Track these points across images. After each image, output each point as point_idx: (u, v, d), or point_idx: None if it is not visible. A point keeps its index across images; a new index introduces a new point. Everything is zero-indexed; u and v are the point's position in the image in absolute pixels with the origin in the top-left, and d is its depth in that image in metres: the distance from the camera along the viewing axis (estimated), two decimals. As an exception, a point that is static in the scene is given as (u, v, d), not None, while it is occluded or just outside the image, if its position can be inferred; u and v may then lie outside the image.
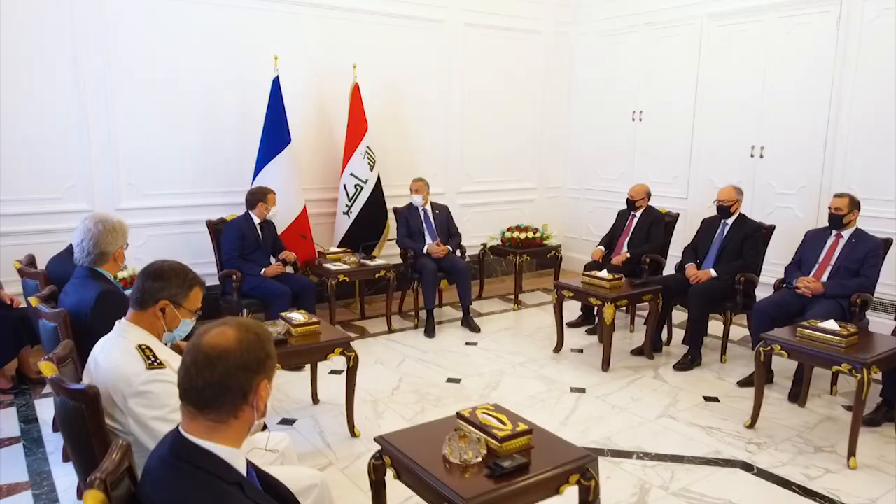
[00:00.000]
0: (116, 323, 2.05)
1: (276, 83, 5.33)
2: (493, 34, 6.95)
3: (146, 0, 5.06)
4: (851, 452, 3.34)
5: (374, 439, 2.44)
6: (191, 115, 5.35)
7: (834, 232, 4.39)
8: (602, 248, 5.71)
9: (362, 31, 6.06)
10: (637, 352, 5.00)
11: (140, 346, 1.95)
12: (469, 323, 5.62)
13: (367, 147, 5.87)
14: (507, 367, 4.74)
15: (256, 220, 4.94)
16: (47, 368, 1.88)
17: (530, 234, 6.38)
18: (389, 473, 2.37)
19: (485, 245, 6.62)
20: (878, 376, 3.55)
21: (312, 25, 5.79)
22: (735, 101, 6.01)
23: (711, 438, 3.65)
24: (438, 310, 6.12)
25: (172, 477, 1.30)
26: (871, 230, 4.48)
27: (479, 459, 2.21)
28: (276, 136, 5.35)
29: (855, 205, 4.34)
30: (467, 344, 5.27)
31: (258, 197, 4.87)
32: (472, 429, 2.35)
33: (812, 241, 4.50)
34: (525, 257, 6.33)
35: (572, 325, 5.64)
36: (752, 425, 3.76)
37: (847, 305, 4.14)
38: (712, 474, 3.26)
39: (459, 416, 2.45)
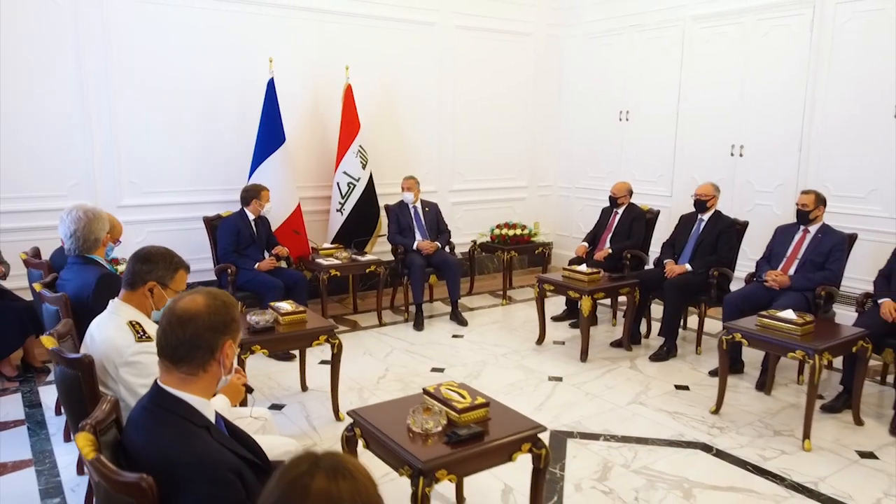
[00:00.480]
0: (110, 302, 2.27)
1: (270, 85, 5.55)
2: (484, 36, 7.17)
3: (146, 6, 5.29)
4: (806, 435, 3.53)
5: (347, 413, 2.66)
6: (189, 116, 5.58)
7: (801, 227, 4.58)
8: (586, 244, 5.91)
9: (355, 33, 6.28)
10: (616, 344, 5.20)
11: (131, 322, 2.17)
12: (457, 317, 5.83)
13: (360, 146, 6.09)
14: (490, 358, 4.94)
15: (251, 217, 5.16)
16: (48, 342, 2.10)
17: (518, 231, 6.59)
18: (361, 444, 2.59)
19: (475, 242, 6.82)
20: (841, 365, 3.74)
21: (306, 29, 6.01)
22: (716, 101, 6.20)
23: (677, 423, 3.85)
24: (429, 305, 6.34)
25: (151, 420, 1.53)
26: (844, 226, 4.68)
27: (440, 429, 2.42)
28: (271, 135, 5.58)
29: (821, 201, 4.53)
30: (454, 336, 5.48)
31: (252, 194, 5.09)
32: (434, 402, 2.56)
33: (781, 236, 4.69)
34: (513, 253, 6.54)
35: (557, 318, 5.84)
36: (716, 411, 3.95)
37: (812, 297, 4.33)
38: (673, 454, 3.46)
39: (425, 391, 2.66)
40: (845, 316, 4.65)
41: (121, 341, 2.12)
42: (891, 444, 3.59)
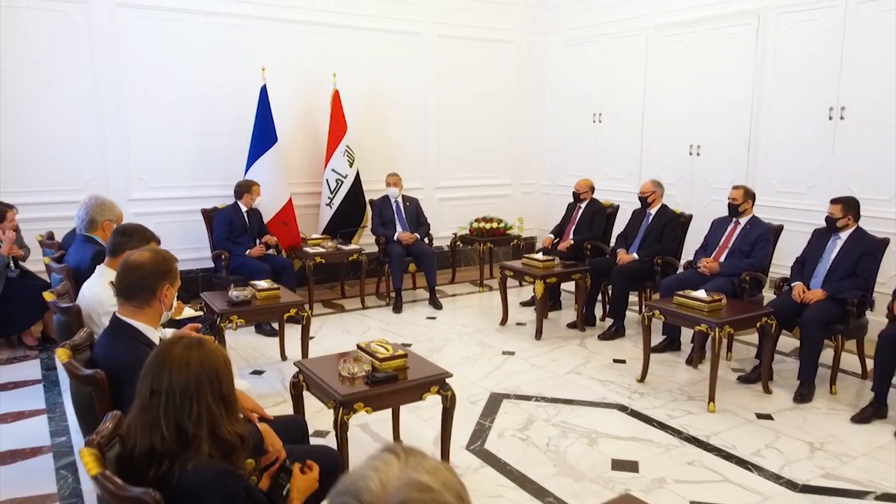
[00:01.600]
0: (97, 267, 2.87)
1: (263, 91, 6.16)
2: (467, 44, 7.71)
3: (152, 22, 5.92)
4: (711, 398, 4.03)
5: (294, 363, 3.23)
6: (191, 119, 6.21)
7: (733, 219, 5.06)
8: (552, 235, 6.42)
9: (343, 43, 6.87)
10: (572, 325, 5.71)
11: (111, 282, 2.75)
12: (434, 301, 6.38)
13: (347, 146, 6.67)
14: (455, 336, 5.49)
15: (244, 209, 5.77)
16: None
17: (495, 225, 7.13)
18: (304, 388, 3.15)
19: (455, 234, 7.37)
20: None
21: (297, 39, 6.61)
22: (677, 104, 6.68)
23: (604, 389, 4.36)
24: (412, 291, 6.89)
25: (109, 339, 2.12)
26: (787, 220, 5.17)
27: (363, 374, 2.97)
28: (263, 136, 6.18)
29: (749, 196, 5.01)
30: (428, 318, 6.03)
31: (244, 189, 5.70)
32: (363, 353, 3.12)
33: (716, 228, 5.17)
34: (489, 245, 7.07)
35: (525, 304, 6.36)
36: (642, 379, 4.46)
37: (738, 282, 4.80)
38: (591, 413, 3.98)
39: (358, 346, 3.22)
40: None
41: (103, 296, 2.71)
42: (790, 409, 4.06)
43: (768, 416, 3.94)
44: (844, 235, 4.41)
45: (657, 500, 3.02)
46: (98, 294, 2.73)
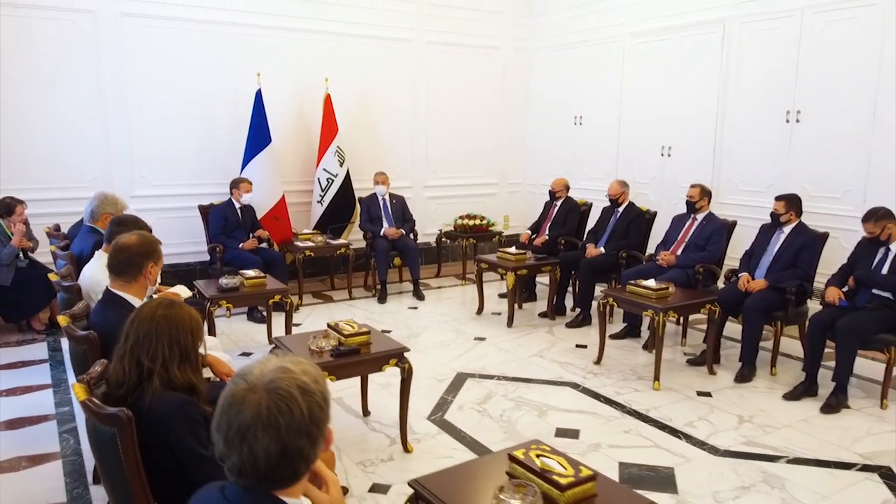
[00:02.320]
0: (96, 252, 3.28)
1: (258, 95, 6.57)
2: (455, 51, 8.10)
3: (154, 30, 6.34)
4: (656, 377, 4.39)
5: (271, 340, 3.61)
6: (190, 121, 6.63)
7: (691, 215, 5.42)
8: (529, 231, 6.80)
9: (335, 50, 7.27)
10: (543, 314, 6.08)
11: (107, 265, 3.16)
12: (417, 293, 6.77)
13: (338, 147, 7.07)
14: (433, 324, 5.87)
15: (237, 205, 6.18)
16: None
17: (477, 221, 7.52)
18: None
19: (441, 231, 7.76)
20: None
21: (291, 46, 7.02)
22: (650, 108, 7.04)
23: (562, 370, 4.73)
24: (398, 284, 7.28)
25: (102, 308, 2.52)
26: (749, 217, 5.52)
27: (331, 348, 3.36)
28: (258, 137, 6.59)
29: (706, 193, 5.37)
30: (410, 308, 6.42)
31: (234, 185, 6.14)
32: (332, 331, 3.51)
33: (676, 223, 5.54)
34: (472, 241, 7.45)
35: (503, 295, 6.73)
36: (598, 362, 4.83)
37: (692, 273, 5.16)
38: (545, 389, 4.36)
39: (327, 324, 3.61)
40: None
41: (99, 277, 3.11)
42: (730, 388, 4.43)
43: (708, 394, 4.31)
44: (787, 230, 4.76)
45: (590, 461, 3.36)
46: (95, 275, 3.14)
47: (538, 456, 2.15)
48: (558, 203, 6.69)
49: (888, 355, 4.07)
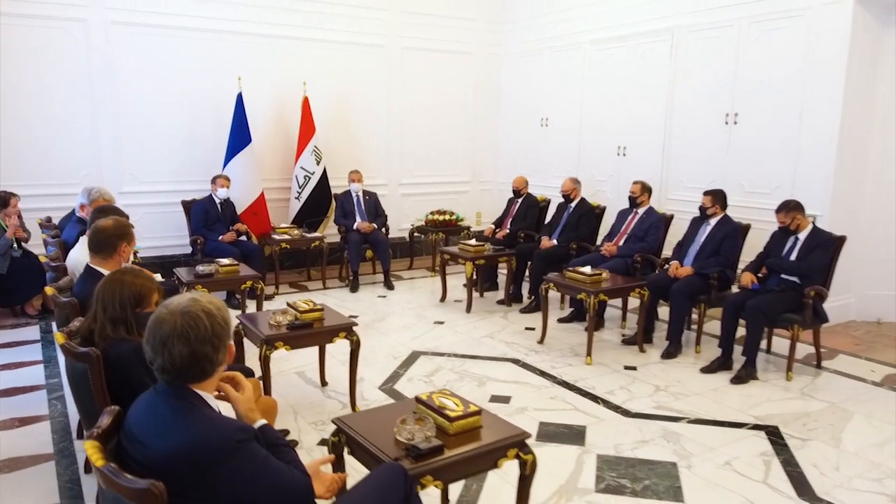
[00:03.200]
0: (80, 238, 3.75)
1: (239, 98, 7.04)
2: (429, 56, 8.57)
3: (142, 38, 6.81)
4: (588, 353, 4.87)
5: (236, 317, 4.09)
6: (176, 122, 7.10)
7: (633, 209, 5.90)
8: (493, 226, 7.28)
9: (313, 55, 7.74)
10: (501, 302, 6.56)
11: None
12: (388, 283, 7.24)
13: (315, 146, 7.55)
14: (398, 310, 6.35)
15: (217, 200, 6.65)
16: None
17: (447, 217, 8.00)
18: (243, 335, 4.01)
19: (412, 226, 8.23)
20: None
21: (271, 51, 7.49)
22: (607, 110, 7.52)
23: (507, 347, 5.21)
24: (371, 276, 7.74)
25: (82, 281, 3.00)
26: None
27: (287, 323, 3.83)
28: (239, 137, 7.06)
29: (646, 189, 5.86)
30: (379, 297, 6.89)
31: (213, 181, 6.62)
32: (290, 309, 3.98)
33: (620, 217, 6.03)
34: (441, 235, 7.93)
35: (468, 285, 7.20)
36: (541, 341, 5.30)
37: (631, 262, 5.64)
38: (489, 364, 4.83)
39: (288, 304, 4.08)
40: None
41: (83, 258, 3.56)
42: (655, 363, 4.91)
43: (633, 368, 4.79)
44: (713, 221, 5.25)
45: (518, 422, 3.81)
46: (79, 257, 3.60)
47: (439, 398, 2.63)
48: (519, 200, 7.16)
49: (792, 332, 4.55)
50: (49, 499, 3.05)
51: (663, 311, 5.45)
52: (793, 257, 4.71)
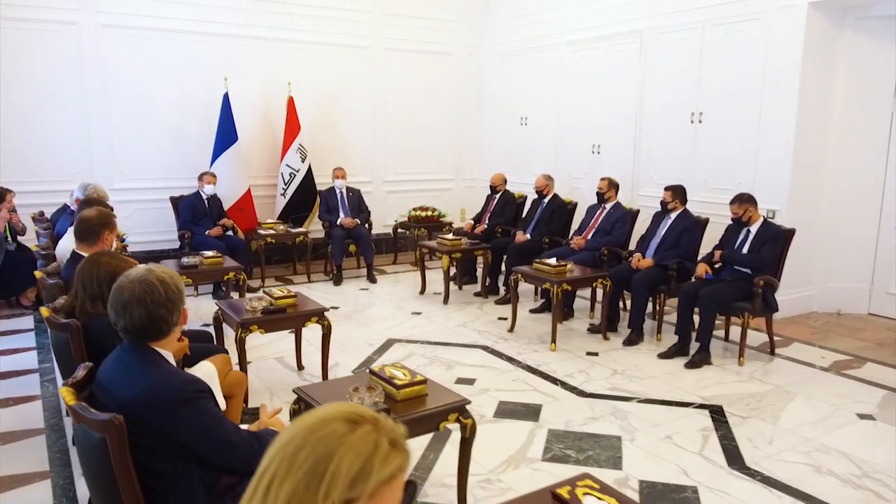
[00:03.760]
0: (69, 230, 4.02)
1: (225, 98, 7.31)
2: (411, 57, 8.84)
3: (132, 40, 7.08)
4: (553, 340, 5.14)
5: (215, 302, 4.36)
6: (165, 121, 7.36)
7: (601, 205, 6.18)
8: (471, 221, 7.55)
9: (298, 56, 8.01)
10: (478, 294, 6.83)
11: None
12: (370, 276, 7.51)
13: (300, 144, 7.81)
14: (378, 302, 6.62)
15: (204, 196, 6.92)
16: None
17: (429, 213, 8.27)
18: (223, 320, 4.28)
19: (396, 222, 8.51)
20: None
21: (257, 53, 7.76)
22: (582, 109, 7.79)
23: (479, 336, 5.48)
24: (356, 270, 8.01)
25: (68, 266, 3.26)
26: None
27: (262, 308, 4.10)
28: (226, 136, 7.33)
29: (613, 185, 6.14)
30: (361, 289, 7.16)
31: (199, 177, 6.88)
32: (265, 295, 4.25)
33: (588, 212, 6.30)
34: (423, 230, 8.20)
35: (451, 278, 7.47)
36: (511, 329, 5.57)
37: (598, 255, 5.91)
38: (459, 351, 5.10)
39: (262, 290, 4.35)
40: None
41: (70, 247, 3.84)
42: (616, 350, 5.17)
43: (595, 354, 5.07)
44: (673, 216, 5.52)
45: (479, 401, 4.13)
46: (67, 246, 3.87)
47: (390, 370, 2.90)
48: (497, 196, 7.44)
49: (742, 320, 4.83)
50: (41, 467, 3.31)
51: (630, 303, 5.71)
52: (745, 249, 4.98)
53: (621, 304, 5.85)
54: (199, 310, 6.22)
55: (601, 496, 1.80)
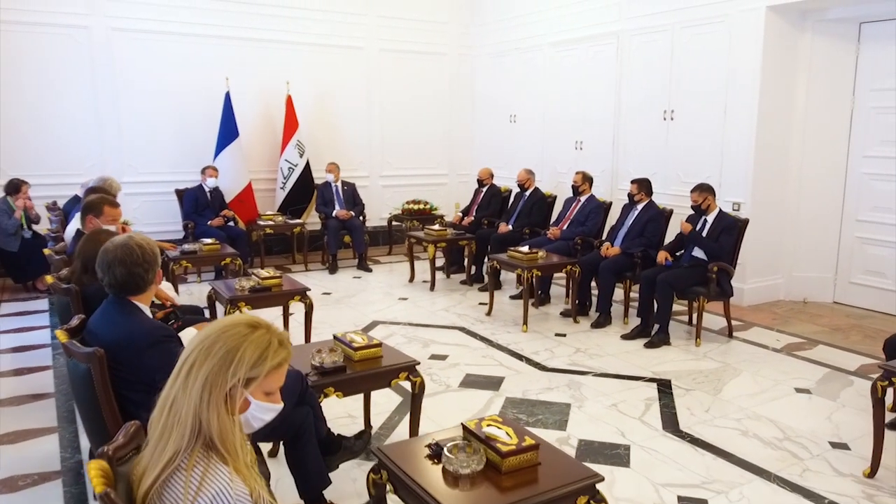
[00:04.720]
0: (76, 216, 4.46)
1: (227, 96, 7.75)
2: (405, 57, 9.25)
3: (141, 42, 7.54)
4: (524, 321, 5.53)
5: (209, 284, 4.79)
6: (171, 118, 7.83)
7: (576, 197, 6.56)
8: (460, 213, 7.95)
9: (296, 57, 8.44)
10: (464, 282, 7.23)
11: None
12: (363, 265, 7.93)
13: (298, 140, 8.25)
14: (369, 289, 7.03)
15: (207, 189, 7.37)
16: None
17: (421, 206, 8.68)
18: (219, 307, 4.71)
19: (391, 215, 8.93)
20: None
21: (257, 54, 8.20)
22: (566, 107, 8.16)
23: (459, 319, 5.88)
24: (352, 261, 8.42)
25: (74, 242, 3.69)
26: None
27: (250, 287, 4.52)
28: (227, 132, 7.78)
29: (587, 179, 6.51)
30: (354, 278, 7.58)
31: (202, 171, 7.33)
32: (253, 276, 4.67)
33: (565, 205, 6.68)
34: (415, 223, 8.61)
35: (440, 268, 7.88)
36: (489, 313, 5.97)
37: (572, 244, 6.29)
38: (437, 331, 5.50)
39: (251, 272, 4.77)
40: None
41: (76, 226, 4.29)
42: (584, 332, 5.55)
43: (563, 335, 5.45)
44: (640, 207, 5.89)
45: (447, 373, 4.53)
46: (73, 227, 4.33)
47: (351, 335, 3.31)
48: (484, 189, 7.83)
49: (698, 303, 5.19)
50: (49, 424, 3.76)
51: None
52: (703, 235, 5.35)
53: (592, 290, 6.21)
54: (202, 294, 6.65)
55: (500, 426, 2.20)
